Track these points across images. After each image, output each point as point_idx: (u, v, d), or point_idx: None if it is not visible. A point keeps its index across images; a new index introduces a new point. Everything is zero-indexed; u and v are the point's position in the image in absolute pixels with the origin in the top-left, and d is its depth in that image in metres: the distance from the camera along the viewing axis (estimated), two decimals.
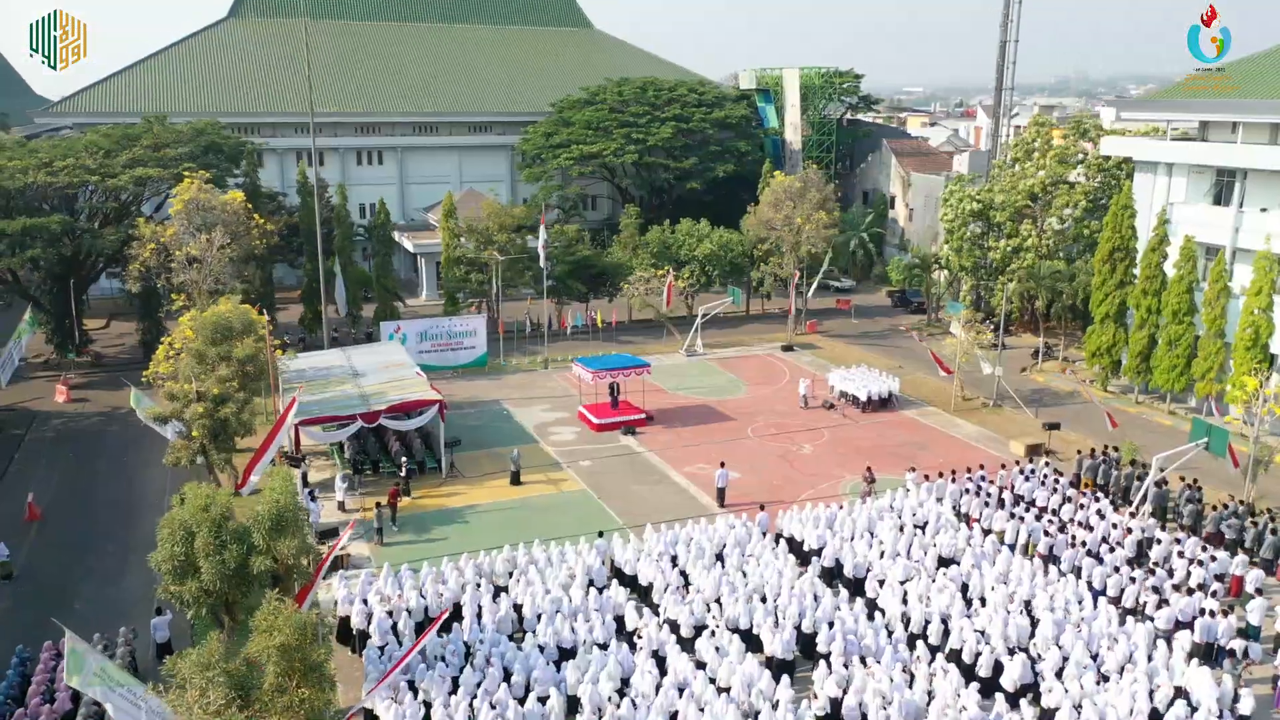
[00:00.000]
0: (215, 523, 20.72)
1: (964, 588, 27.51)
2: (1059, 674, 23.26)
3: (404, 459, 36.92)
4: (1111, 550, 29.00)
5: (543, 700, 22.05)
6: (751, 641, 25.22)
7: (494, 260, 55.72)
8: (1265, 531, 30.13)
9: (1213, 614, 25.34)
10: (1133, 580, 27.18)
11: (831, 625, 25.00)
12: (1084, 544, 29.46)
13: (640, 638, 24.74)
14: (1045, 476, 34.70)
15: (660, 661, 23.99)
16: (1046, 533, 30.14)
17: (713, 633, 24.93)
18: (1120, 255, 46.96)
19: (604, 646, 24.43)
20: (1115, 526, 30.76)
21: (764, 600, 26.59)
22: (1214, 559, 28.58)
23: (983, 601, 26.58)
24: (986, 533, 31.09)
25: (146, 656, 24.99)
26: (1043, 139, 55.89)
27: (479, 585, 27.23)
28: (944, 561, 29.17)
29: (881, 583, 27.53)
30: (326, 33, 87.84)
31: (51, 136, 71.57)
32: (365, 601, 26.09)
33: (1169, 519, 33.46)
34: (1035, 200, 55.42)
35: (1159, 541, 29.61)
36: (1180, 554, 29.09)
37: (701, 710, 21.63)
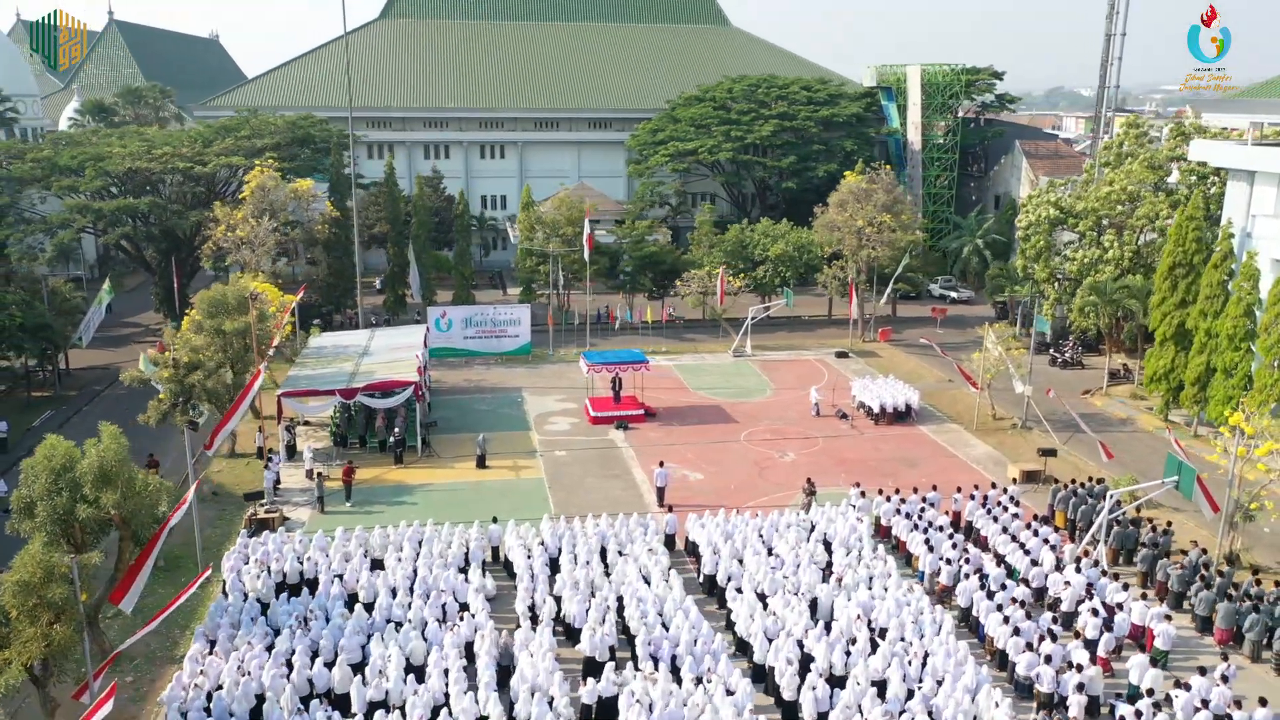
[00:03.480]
0: (54, 471, 23.17)
1: (829, 608, 26.37)
2: (860, 707, 21.94)
3: (396, 430, 39.27)
4: (1004, 587, 26.75)
5: (329, 665, 23.25)
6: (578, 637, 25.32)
7: (554, 252, 57.21)
8: (1213, 587, 26.76)
9: (1069, 665, 22.96)
10: (1006, 621, 24.98)
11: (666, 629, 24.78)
12: (983, 577, 27.27)
13: (460, 622, 25.37)
14: (996, 504, 32.14)
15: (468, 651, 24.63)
16: (948, 561, 28.11)
17: (533, 625, 25.22)
18: (1182, 271, 42.31)
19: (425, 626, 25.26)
20: (1036, 564, 28.25)
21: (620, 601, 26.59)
22: (1119, 607, 25.71)
23: (827, 626, 25.29)
24: (896, 555, 29.45)
25: None
26: (1132, 142, 50.96)
27: (349, 558, 28.64)
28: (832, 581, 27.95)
29: (739, 591, 26.78)
30: (466, 32, 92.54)
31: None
32: (246, 560, 28.25)
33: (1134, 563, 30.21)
34: (1131, 207, 50.62)
35: (1068, 584, 26.93)
36: (1087, 597, 26.35)
37: (465, 694, 22.08)
